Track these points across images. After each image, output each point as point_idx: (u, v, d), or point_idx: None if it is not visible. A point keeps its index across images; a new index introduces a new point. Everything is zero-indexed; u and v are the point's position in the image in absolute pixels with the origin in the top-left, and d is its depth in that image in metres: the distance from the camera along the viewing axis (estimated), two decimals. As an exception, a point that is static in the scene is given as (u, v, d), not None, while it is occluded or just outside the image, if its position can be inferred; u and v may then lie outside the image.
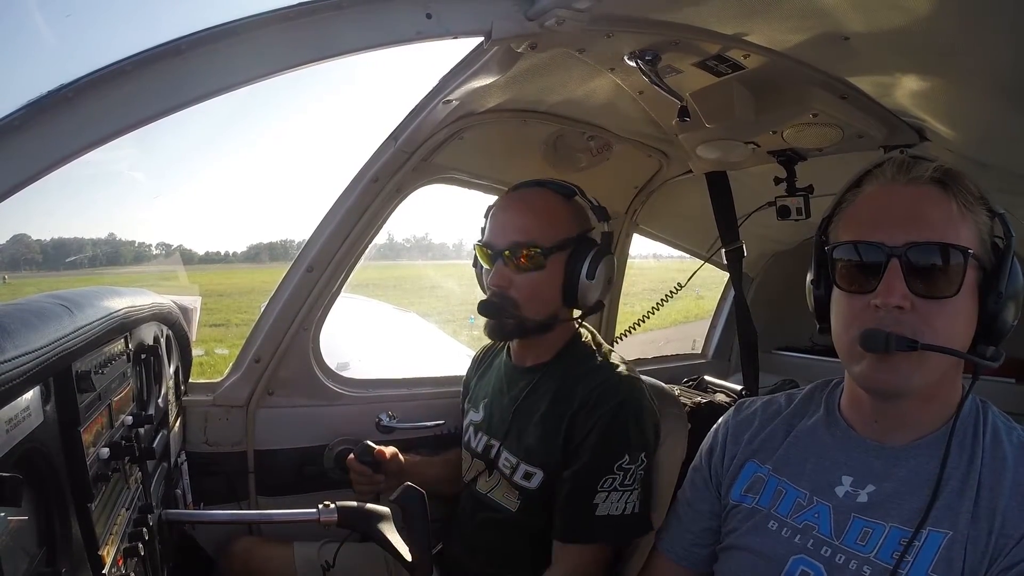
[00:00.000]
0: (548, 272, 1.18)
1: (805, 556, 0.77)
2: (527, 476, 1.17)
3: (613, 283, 1.24)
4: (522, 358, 1.29)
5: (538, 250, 1.16)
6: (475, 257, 1.31)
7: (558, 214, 1.20)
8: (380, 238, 1.58)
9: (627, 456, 1.08)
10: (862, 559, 0.73)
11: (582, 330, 1.29)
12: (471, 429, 1.33)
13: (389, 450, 1.30)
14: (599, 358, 1.22)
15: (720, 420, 0.97)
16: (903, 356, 0.70)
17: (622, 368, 1.19)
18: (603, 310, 2.10)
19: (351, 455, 1.29)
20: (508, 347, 1.34)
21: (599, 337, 1.30)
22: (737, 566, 0.85)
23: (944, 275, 0.70)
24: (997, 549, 0.67)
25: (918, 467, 0.74)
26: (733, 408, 0.96)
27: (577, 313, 1.26)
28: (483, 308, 1.22)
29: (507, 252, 1.18)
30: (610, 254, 1.21)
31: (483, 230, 1.26)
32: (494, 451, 1.24)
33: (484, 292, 1.28)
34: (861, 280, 0.73)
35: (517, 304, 1.19)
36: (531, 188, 1.24)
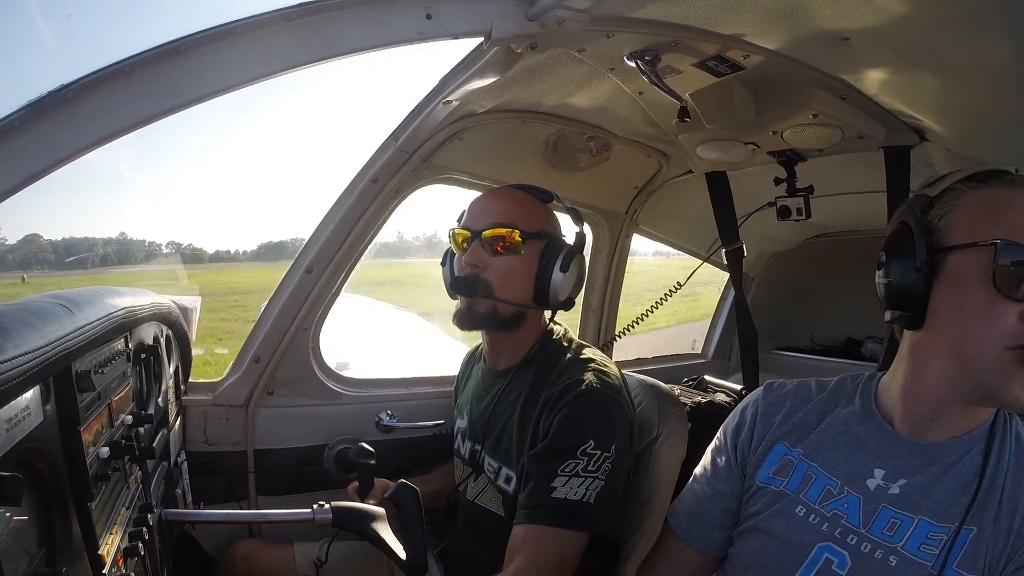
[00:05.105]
0: (524, 259, 1.17)
1: (831, 544, 0.77)
2: (508, 480, 1.16)
3: (584, 283, 1.26)
4: (495, 361, 1.27)
5: (517, 232, 1.15)
6: (444, 255, 1.29)
7: (537, 208, 1.22)
8: (389, 236, 1.58)
9: (592, 441, 1.02)
10: (888, 548, 0.73)
11: (555, 327, 1.26)
12: (459, 435, 1.33)
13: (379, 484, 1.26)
14: (569, 355, 1.18)
15: (747, 399, 0.94)
16: None
17: (595, 364, 1.14)
18: (603, 311, 2.12)
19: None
20: (484, 353, 1.33)
21: (571, 334, 1.27)
22: (757, 549, 0.83)
23: None
24: (1014, 549, 0.70)
25: (953, 464, 0.75)
26: (763, 388, 0.94)
27: (548, 313, 1.26)
28: (459, 284, 1.19)
29: (486, 233, 1.16)
30: (582, 254, 1.22)
31: (459, 222, 1.26)
32: (479, 456, 1.23)
33: (449, 292, 1.27)
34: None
35: (491, 286, 1.16)
36: (511, 188, 1.27)
